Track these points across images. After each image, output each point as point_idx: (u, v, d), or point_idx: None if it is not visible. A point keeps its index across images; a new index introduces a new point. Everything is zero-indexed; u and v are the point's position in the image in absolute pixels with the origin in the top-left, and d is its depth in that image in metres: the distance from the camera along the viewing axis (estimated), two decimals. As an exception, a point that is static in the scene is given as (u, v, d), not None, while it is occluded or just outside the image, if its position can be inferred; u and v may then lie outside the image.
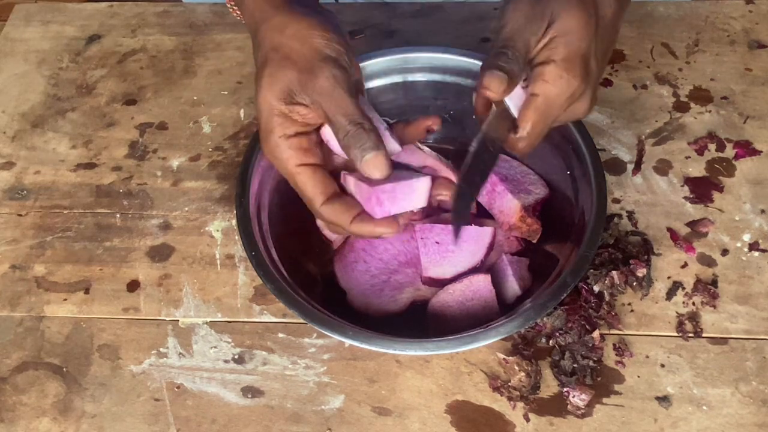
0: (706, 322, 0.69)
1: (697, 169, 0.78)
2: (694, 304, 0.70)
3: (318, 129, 0.62)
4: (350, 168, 0.63)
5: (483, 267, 0.69)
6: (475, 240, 0.69)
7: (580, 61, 0.57)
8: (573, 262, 0.63)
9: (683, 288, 0.70)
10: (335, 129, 0.59)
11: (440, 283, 0.68)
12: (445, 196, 0.65)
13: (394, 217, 0.60)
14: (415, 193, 0.61)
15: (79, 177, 0.82)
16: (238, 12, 0.71)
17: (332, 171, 0.63)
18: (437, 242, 0.69)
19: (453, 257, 0.69)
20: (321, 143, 0.62)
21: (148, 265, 0.75)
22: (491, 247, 0.70)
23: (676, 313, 0.69)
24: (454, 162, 0.74)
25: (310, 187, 0.60)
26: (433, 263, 0.68)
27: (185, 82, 0.89)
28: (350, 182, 0.62)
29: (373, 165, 0.58)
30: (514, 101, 0.59)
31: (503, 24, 0.58)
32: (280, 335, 0.70)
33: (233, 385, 0.67)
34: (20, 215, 0.79)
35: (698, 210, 0.75)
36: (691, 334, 0.68)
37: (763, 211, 0.75)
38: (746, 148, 0.79)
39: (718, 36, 0.88)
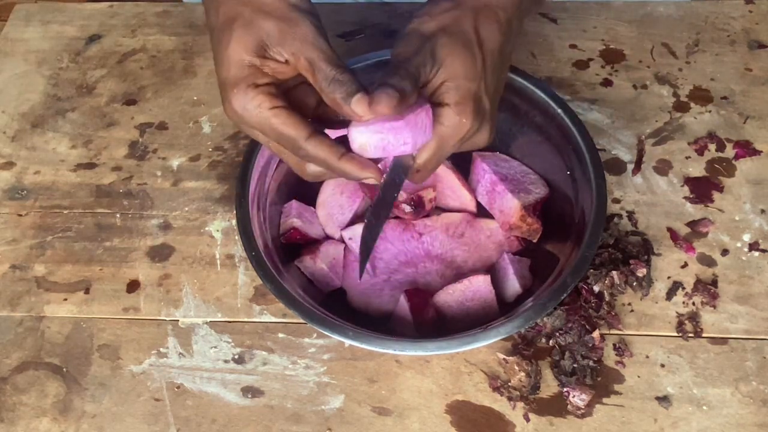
0: (706, 322, 0.69)
1: (697, 169, 0.78)
2: (694, 304, 0.70)
3: (282, 83, 0.60)
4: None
5: (481, 265, 0.69)
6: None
7: (472, 103, 0.59)
8: (573, 262, 0.63)
9: (683, 288, 0.70)
10: (319, 76, 0.57)
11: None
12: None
13: (378, 166, 0.59)
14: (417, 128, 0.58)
15: (79, 177, 0.82)
16: None
17: None
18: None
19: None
20: (288, 93, 0.60)
21: (148, 265, 0.75)
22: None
23: (676, 313, 0.69)
24: (452, 161, 0.74)
25: (291, 124, 0.58)
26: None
27: (185, 82, 0.89)
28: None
29: (363, 103, 0.56)
30: None
31: (397, 50, 0.60)
32: (280, 335, 0.70)
33: (233, 385, 0.67)
34: (20, 215, 0.79)
35: (698, 210, 0.75)
36: (691, 334, 0.68)
37: (763, 211, 0.75)
38: (746, 148, 0.79)
39: (718, 36, 0.88)
